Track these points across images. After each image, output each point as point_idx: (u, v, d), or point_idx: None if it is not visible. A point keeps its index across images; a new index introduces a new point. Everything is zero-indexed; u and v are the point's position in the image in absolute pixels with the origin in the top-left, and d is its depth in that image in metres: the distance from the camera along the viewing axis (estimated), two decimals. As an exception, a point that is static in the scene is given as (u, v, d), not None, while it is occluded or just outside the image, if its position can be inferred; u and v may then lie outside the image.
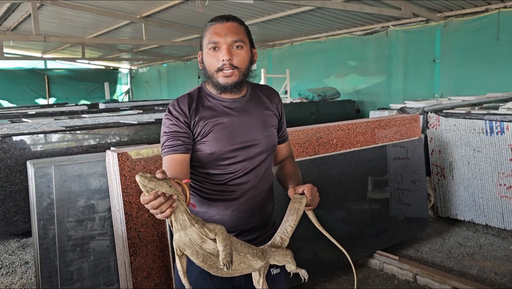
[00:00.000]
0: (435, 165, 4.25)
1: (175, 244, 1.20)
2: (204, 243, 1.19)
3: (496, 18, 6.10)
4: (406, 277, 3.16)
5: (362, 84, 8.37)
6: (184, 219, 1.17)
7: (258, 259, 1.31)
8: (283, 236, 1.42)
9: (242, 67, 1.44)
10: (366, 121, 3.40)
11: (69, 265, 2.49)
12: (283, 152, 1.68)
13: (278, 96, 1.64)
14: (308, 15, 7.61)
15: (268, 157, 1.55)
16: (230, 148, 1.45)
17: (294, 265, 1.43)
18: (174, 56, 13.76)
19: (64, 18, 9.41)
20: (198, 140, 1.44)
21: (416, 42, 7.26)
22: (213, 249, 1.21)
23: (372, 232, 3.45)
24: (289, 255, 1.41)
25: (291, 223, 1.42)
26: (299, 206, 1.43)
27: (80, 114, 6.66)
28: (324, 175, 3.08)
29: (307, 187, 1.45)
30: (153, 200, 1.08)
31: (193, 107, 1.45)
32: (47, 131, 4.29)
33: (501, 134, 3.72)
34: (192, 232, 1.18)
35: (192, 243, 1.19)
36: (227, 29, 1.42)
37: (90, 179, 2.53)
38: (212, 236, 1.19)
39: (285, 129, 1.67)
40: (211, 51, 1.42)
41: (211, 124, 1.44)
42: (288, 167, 1.64)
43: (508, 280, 3.08)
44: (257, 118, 1.52)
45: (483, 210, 3.94)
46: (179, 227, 1.17)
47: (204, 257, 1.21)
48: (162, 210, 1.10)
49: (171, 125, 1.42)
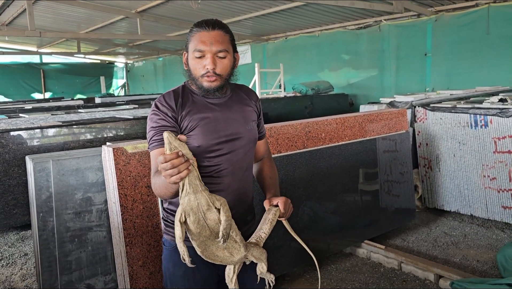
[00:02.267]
0: (422, 158, 4.38)
1: (181, 208, 1.28)
2: (209, 211, 1.29)
3: (486, 12, 6.21)
4: (391, 265, 3.29)
5: (355, 78, 8.47)
6: (196, 184, 1.27)
7: (242, 247, 1.41)
8: (258, 240, 1.52)
9: (224, 74, 1.54)
10: (354, 116, 3.51)
11: (68, 255, 2.60)
12: (261, 149, 1.78)
13: (256, 94, 1.75)
14: (302, 9, 7.68)
15: (250, 150, 1.65)
16: (216, 140, 1.54)
17: (266, 267, 1.53)
18: (170, 50, 13.81)
19: (59, 13, 9.44)
20: (185, 134, 1.52)
21: (408, 36, 7.36)
22: (214, 220, 1.30)
23: (361, 222, 3.57)
24: (264, 254, 1.52)
25: (265, 230, 1.53)
26: (273, 217, 1.54)
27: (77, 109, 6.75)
28: (313, 168, 3.19)
29: (281, 200, 1.57)
30: (174, 158, 1.19)
31: (180, 102, 1.54)
32: (44, 126, 4.38)
33: (485, 127, 3.84)
34: (201, 197, 1.28)
35: (199, 209, 1.28)
36: (212, 38, 1.50)
37: (87, 173, 2.63)
38: (217, 205, 1.29)
39: (263, 126, 1.78)
40: (197, 58, 1.51)
41: (197, 118, 1.53)
42: (266, 169, 1.76)
43: (489, 267, 3.21)
44: (239, 114, 1.62)
45: (468, 200, 4.07)
46: (191, 190, 1.26)
47: (202, 228, 1.30)
48: (180, 170, 1.20)
49: (159, 120, 1.50)
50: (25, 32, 7.74)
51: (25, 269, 3.53)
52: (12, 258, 3.76)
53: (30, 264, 3.61)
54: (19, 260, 3.71)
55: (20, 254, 3.84)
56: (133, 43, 13.19)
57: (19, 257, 3.78)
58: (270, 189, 1.69)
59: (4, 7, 9.02)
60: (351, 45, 8.38)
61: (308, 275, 3.21)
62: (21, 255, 3.82)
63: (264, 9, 7.89)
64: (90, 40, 12.89)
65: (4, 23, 10.33)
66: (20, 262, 3.67)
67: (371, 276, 3.18)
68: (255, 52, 10.68)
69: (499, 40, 6.12)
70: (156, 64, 15.29)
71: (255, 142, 1.69)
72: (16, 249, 3.96)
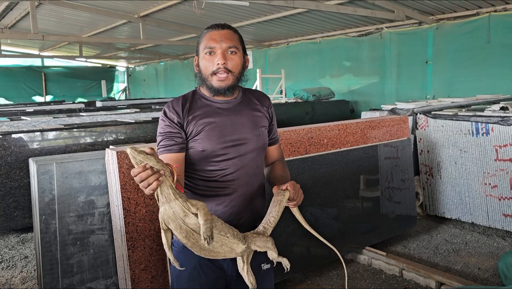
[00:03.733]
0: (423, 165, 4.39)
1: (160, 217, 1.30)
2: (187, 217, 1.29)
3: (487, 21, 6.24)
4: (392, 272, 3.29)
5: (356, 85, 8.50)
6: (169, 192, 1.27)
7: (239, 241, 1.39)
8: (266, 225, 1.51)
9: (236, 71, 1.55)
10: (356, 122, 3.52)
11: (70, 258, 2.59)
12: (273, 154, 1.76)
13: (269, 99, 1.74)
14: (304, 16, 7.72)
15: (258, 155, 1.64)
16: (221, 145, 1.54)
17: (276, 253, 1.51)
18: (171, 55, 13.85)
19: (62, 17, 9.48)
20: (191, 139, 1.54)
21: (409, 44, 7.39)
22: (195, 224, 1.30)
23: (362, 228, 3.57)
24: (269, 242, 1.49)
25: (273, 214, 1.51)
26: (281, 198, 1.52)
27: (78, 113, 6.75)
28: (315, 173, 3.20)
29: (290, 184, 1.54)
30: (141, 172, 1.19)
31: (187, 107, 1.55)
32: (46, 129, 4.39)
33: (486, 135, 3.86)
34: (175, 205, 1.28)
35: (176, 217, 1.28)
36: (222, 35, 1.53)
37: (90, 176, 2.64)
38: (194, 210, 1.29)
39: (276, 132, 1.76)
40: (207, 55, 1.53)
41: (203, 123, 1.54)
42: (278, 169, 1.72)
43: (490, 275, 3.21)
44: (248, 118, 1.61)
45: (469, 208, 4.08)
46: (164, 200, 1.27)
47: (187, 233, 1.30)
48: (149, 182, 1.20)
49: (165, 126, 1.53)
50: (28, 35, 7.77)
51: (25, 272, 3.52)
52: (12, 261, 3.75)
53: (30, 267, 3.60)
54: (20, 263, 3.70)
55: (21, 257, 3.83)
56: (135, 48, 13.24)
57: (20, 259, 3.77)
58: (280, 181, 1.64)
59: (7, 10, 9.06)
60: (353, 52, 8.41)
61: (309, 281, 3.20)
62: (22, 257, 3.82)
63: (266, 15, 7.93)
64: (92, 44, 12.93)
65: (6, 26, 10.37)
66: (21, 265, 3.66)
67: (372, 283, 3.17)
68: (256, 58, 10.72)
69: (500, 48, 6.15)
70: (157, 68, 15.33)
71: (264, 148, 1.67)
72: (17, 252, 3.95)
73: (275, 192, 1.56)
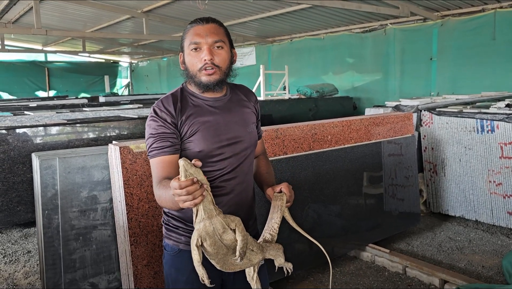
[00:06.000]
0: (427, 162, 4.36)
1: (197, 234, 1.26)
2: (225, 233, 1.27)
3: (492, 18, 6.19)
4: (396, 269, 3.28)
5: (359, 81, 8.46)
6: (211, 208, 1.25)
7: (258, 254, 1.40)
8: (271, 232, 1.51)
9: (223, 66, 1.51)
10: (360, 119, 3.50)
11: (72, 253, 2.59)
12: (258, 148, 1.75)
13: (254, 95, 1.72)
14: (308, 12, 7.68)
15: (251, 153, 1.63)
16: (217, 145, 1.51)
17: (283, 259, 1.52)
18: (174, 50, 13.82)
19: (65, 12, 9.46)
20: (186, 139, 1.49)
21: (413, 40, 7.34)
22: (231, 240, 1.29)
23: (366, 225, 3.56)
24: (281, 249, 1.51)
25: (276, 220, 1.51)
26: (281, 203, 1.53)
27: (81, 108, 6.76)
28: (318, 170, 3.18)
29: (284, 186, 1.55)
30: (189, 185, 1.17)
31: (179, 106, 1.49)
32: (50, 124, 4.39)
33: (491, 132, 3.83)
34: (217, 222, 1.26)
35: (215, 233, 1.26)
36: (207, 30, 1.48)
37: (93, 171, 2.63)
38: (233, 226, 1.28)
39: (260, 127, 1.76)
40: (193, 52, 1.48)
41: (197, 123, 1.49)
42: (263, 165, 1.74)
43: (494, 273, 3.19)
44: (239, 116, 1.59)
45: (473, 206, 4.05)
46: (206, 216, 1.25)
47: (219, 248, 1.29)
48: (195, 196, 1.18)
49: (158, 126, 1.46)
50: (31, 30, 7.76)
51: (28, 267, 3.52)
52: (15, 255, 3.75)
53: (33, 262, 3.60)
54: (22, 258, 3.71)
55: (23, 251, 3.83)
56: (138, 43, 13.21)
57: (22, 254, 3.78)
58: (268, 183, 1.67)
59: (10, 5, 9.05)
60: (356, 48, 8.37)
61: (312, 278, 3.19)
62: (24, 252, 3.82)
63: (270, 11, 7.89)
64: (95, 39, 12.92)
65: (10, 21, 10.36)
66: (23, 260, 3.67)
67: (375, 280, 3.16)
68: (260, 54, 10.68)
69: (505, 45, 6.10)
70: (160, 64, 15.31)
71: (256, 144, 1.67)
72: (19, 246, 3.96)
73: (271, 194, 1.57)
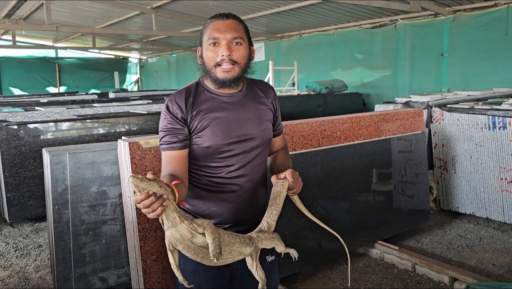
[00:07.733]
0: (438, 159, 4.32)
1: (167, 241, 1.29)
2: (194, 237, 1.29)
3: (505, 13, 6.09)
4: (405, 267, 3.26)
5: (369, 77, 8.40)
6: (174, 216, 1.26)
7: (246, 246, 1.40)
8: (269, 220, 1.49)
9: (241, 62, 1.50)
10: (370, 115, 3.48)
11: (82, 248, 2.62)
12: (277, 144, 1.74)
13: (273, 90, 1.69)
14: (317, 7, 7.63)
15: (263, 151, 1.61)
16: (226, 141, 1.50)
17: (283, 246, 1.50)
18: (184, 46, 13.84)
19: (76, 8, 9.52)
20: (195, 134, 1.50)
21: (424, 36, 7.26)
22: (203, 242, 1.30)
23: (375, 222, 3.54)
24: (276, 238, 1.48)
25: (275, 206, 1.49)
26: (281, 188, 1.49)
27: (91, 104, 6.80)
28: (327, 166, 3.17)
29: (288, 172, 1.50)
30: (144, 199, 1.16)
31: (190, 101, 1.50)
32: (60, 120, 4.42)
33: (503, 129, 3.78)
34: (182, 229, 1.27)
35: (183, 239, 1.28)
36: (227, 26, 1.48)
37: (102, 167, 2.65)
38: (201, 230, 1.29)
39: (280, 123, 1.73)
40: (211, 46, 1.48)
41: (208, 118, 1.49)
42: (280, 158, 1.69)
43: (505, 271, 3.16)
44: (253, 113, 1.57)
45: (484, 203, 4.01)
46: (170, 224, 1.26)
47: (195, 250, 1.31)
48: (153, 208, 1.18)
49: (168, 122, 1.48)
50: (42, 27, 7.81)
51: (39, 261, 3.56)
52: (26, 249, 3.80)
53: (44, 256, 3.65)
54: (33, 252, 3.75)
55: (35, 246, 3.88)
56: (147, 39, 13.25)
57: (33, 248, 3.83)
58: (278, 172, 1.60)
59: (21, 1, 9.12)
60: (366, 44, 8.30)
61: (320, 274, 3.19)
62: (36, 246, 3.87)
63: (279, 7, 7.85)
64: (105, 36, 12.97)
65: (21, 17, 10.44)
66: (34, 254, 3.71)
67: (384, 277, 3.15)
68: (269, 50, 10.65)
69: (518, 41, 6.01)
70: (169, 60, 15.34)
71: (269, 142, 1.64)
72: (31, 241, 4.01)
73: (274, 181, 1.52)
